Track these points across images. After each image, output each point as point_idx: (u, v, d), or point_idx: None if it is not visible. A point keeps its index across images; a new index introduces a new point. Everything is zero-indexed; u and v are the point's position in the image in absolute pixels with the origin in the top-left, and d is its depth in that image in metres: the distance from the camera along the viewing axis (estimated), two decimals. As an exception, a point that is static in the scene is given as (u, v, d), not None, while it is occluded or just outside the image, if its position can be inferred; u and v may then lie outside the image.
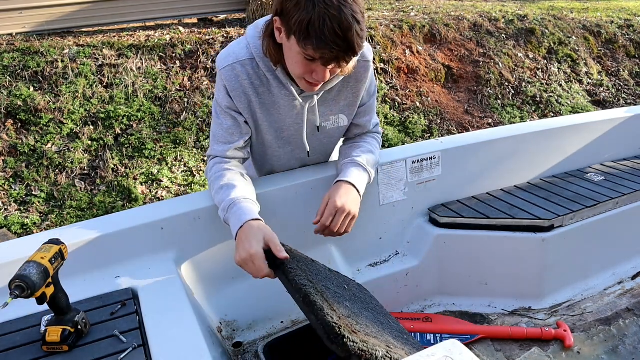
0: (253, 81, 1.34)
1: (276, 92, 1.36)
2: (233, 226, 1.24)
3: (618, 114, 2.24)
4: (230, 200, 1.28)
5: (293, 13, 1.10)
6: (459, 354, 0.84)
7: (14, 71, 4.03)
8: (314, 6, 1.07)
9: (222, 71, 1.32)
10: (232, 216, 1.26)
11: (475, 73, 5.41)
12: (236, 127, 1.39)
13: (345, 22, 1.07)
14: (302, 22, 1.08)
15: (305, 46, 1.12)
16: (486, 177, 1.97)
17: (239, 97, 1.34)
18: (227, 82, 1.32)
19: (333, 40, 1.08)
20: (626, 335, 1.73)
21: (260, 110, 1.39)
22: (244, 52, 1.32)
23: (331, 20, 1.07)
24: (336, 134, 1.55)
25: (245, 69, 1.32)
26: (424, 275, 1.82)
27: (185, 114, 4.17)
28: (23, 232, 3.26)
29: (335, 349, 0.98)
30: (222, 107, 1.37)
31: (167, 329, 1.07)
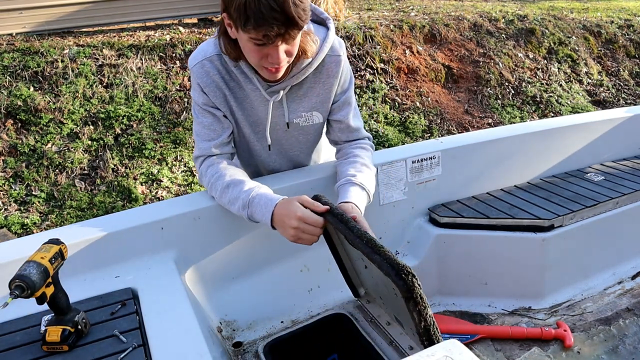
0: (223, 76, 1.35)
1: (246, 87, 1.38)
2: (263, 217, 1.26)
3: (618, 114, 2.24)
4: (247, 195, 1.29)
5: (231, 4, 1.11)
6: (459, 354, 0.84)
7: (14, 71, 4.03)
8: None
9: (192, 69, 1.35)
10: (257, 209, 1.27)
11: (475, 73, 5.41)
12: (217, 123, 1.40)
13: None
14: (240, 7, 1.09)
15: (248, 29, 1.12)
16: (486, 177, 1.97)
17: (213, 92, 1.36)
18: (199, 79, 1.34)
19: (271, 15, 1.08)
20: (626, 335, 1.74)
21: (235, 104, 1.40)
22: (212, 49, 1.34)
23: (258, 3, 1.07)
24: (311, 130, 1.52)
25: (214, 65, 1.33)
26: (424, 275, 1.82)
27: (185, 114, 4.17)
28: (23, 232, 3.26)
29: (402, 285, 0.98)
30: (199, 105, 1.38)
31: (167, 329, 1.07)
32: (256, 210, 1.28)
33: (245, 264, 1.54)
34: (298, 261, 1.62)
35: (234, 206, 1.33)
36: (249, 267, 1.55)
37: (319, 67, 1.38)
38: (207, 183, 1.41)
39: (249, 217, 1.30)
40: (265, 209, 1.26)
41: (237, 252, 1.51)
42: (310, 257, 1.64)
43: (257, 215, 1.28)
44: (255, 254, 1.55)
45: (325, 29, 1.39)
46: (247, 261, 1.54)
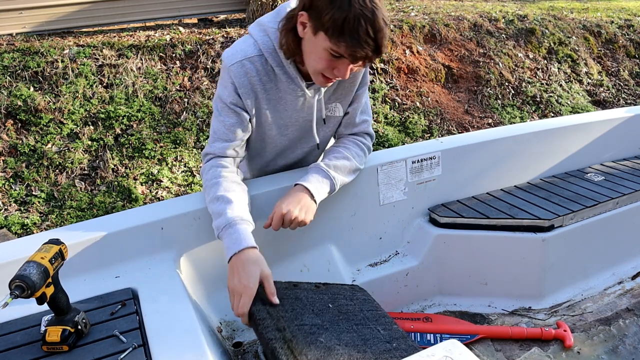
0: (261, 77, 1.35)
1: (283, 88, 1.38)
2: (228, 249, 1.24)
3: (618, 114, 2.24)
4: (226, 220, 1.27)
5: (326, 10, 1.13)
6: (459, 354, 0.84)
7: (14, 71, 4.03)
8: (350, 5, 1.10)
9: (230, 68, 1.33)
10: (227, 237, 1.26)
11: (475, 73, 5.41)
12: (239, 125, 1.39)
13: (378, 24, 1.12)
14: (337, 20, 1.11)
15: (338, 43, 1.14)
16: (486, 177, 1.97)
17: (247, 93, 1.36)
18: (236, 78, 1.33)
19: (365, 40, 1.12)
20: (626, 335, 1.74)
21: (266, 106, 1.41)
22: (251, 49, 1.33)
23: (365, 21, 1.10)
24: (333, 123, 1.56)
25: (254, 66, 1.33)
26: (424, 275, 1.82)
27: (185, 114, 4.17)
28: (23, 232, 3.26)
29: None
30: (226, 103, 1.37)
31: (167, 329, 1.07)
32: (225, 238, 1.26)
33: (245, 264, 1.53)
34: (298, 261, 1.62)
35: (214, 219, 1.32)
36: (249, 267, 1.54)
37: None
38: (204, 182, 1.41)
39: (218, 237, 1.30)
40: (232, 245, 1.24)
41: (237, 252, 1.51)
42: (310, 257, 1.64)
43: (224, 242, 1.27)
44: (255, 254, 1.54)
45: None
46: (247, 261, 1.53)
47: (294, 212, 1.36)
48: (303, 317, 1.22)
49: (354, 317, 1.31)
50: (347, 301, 1.40)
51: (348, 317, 1.30)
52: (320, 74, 1.26)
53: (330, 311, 1.31)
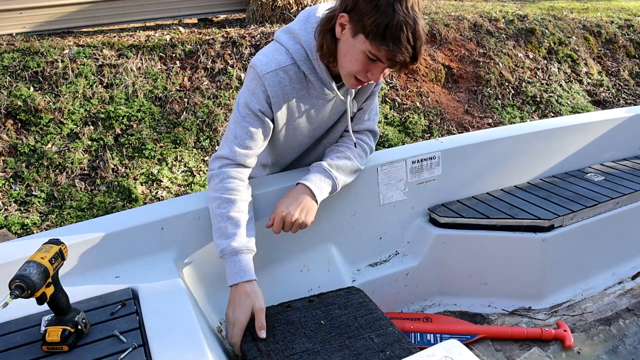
0: (294, 85, 1.36)
1: (314, 94, 1.40)
2: (229, 276, 1.31)
3: (618, 114, 2.24)
4: (232, 248, 1.32)
5: (370, 14, 1.15)
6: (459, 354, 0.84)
7: (14, 71, 4.03)
8: (394, 12, 1.13)
9: (265, 76, 1.32)
10: (231, 264, 1.31)
11: (475, 73, 5.41)
12: (261, 134, 1.39)
13: (418, 32, 1.16)
14: (380, 24, 1.14)
15: (379, 47, 1.17)
16: (486, 177, 1.97)
17: (279, 103, 1.36)
18: (270, 87, 1.33)
19: (405, 46, 1.16)
20: (626, 335, 1.74)
21: (298, 113, 1.42)
22: (284, 58, 1.33)
23: (407, 28, 1.14)
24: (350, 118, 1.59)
25: (287, 75, 1.34)
26: (424, 275, 1.82)
27: (185, 114, 4.17)
28: (23, 232, 3.26)
29: None
30: (253, 110, 1.36)
31: (167, 329, 1.07)
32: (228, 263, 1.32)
33: (245, 264, 1.53)
34: (298, 261, 1.62)
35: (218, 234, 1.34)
36: (249, 267, 1.54)
37: None
38: (214, 188, 1.38)
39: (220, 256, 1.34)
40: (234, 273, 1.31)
41: (237, 252, 1.51)
42: (310, 257, 1.64)
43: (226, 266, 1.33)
44: (255, 254, 1.55)
45: None
46: (247, 261, 1.54)
47: (295, 214, 1.36)
48: (294, 345, 1.27)
49: (347, 330, 1.34)
50: (341, 311, 1.43)
51: (341, 332, 1.33)
52: (354, 76, 1.28)
53: (322, 329, 1.34)
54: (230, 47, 4.69)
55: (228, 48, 4.67)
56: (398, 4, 1.13)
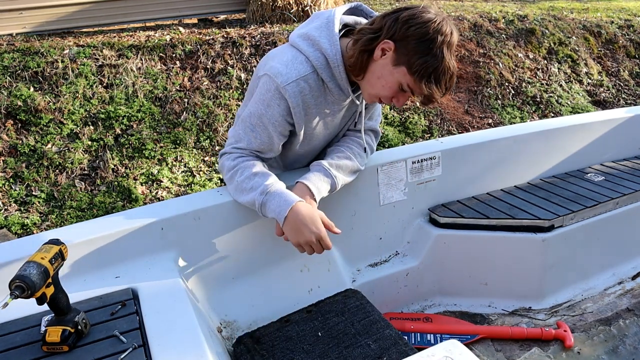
0: (314, 93, 1.37)
1: (331, 100, 1.41)
2: (278, 211, 1.30)
3: (618, 114, 2.24)
4: (265, 187, 1.33)
5: (419, 52, 1.21)
6: (459, 354, 0.84)
7: (14, 71, 4.03)
8: (443, 57, 1.21)
9: (286, 87, 1.31)
10: (273, 200, 1.31)
11: (475, 73, 5.41)
12: (269, 145, 1.41)
13: (454, 76, 1.26)
14: (429, 67, 1.21)
15: (421, 86, 1.24)
16: (486, 177, 1.97)
17: (300, 113, 1.37)
18: (291, 98, 1.32)
19: (442, 88, 1.25)
20: (626, 335, 1.73)
21: (316, 120, 1.43)
22: (304, 67, 1.33)
23: (447, 72, 1.23)
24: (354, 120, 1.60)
25: (307, 84, 1.34)
26: (424, 275, 1.82)
27: (185, 114, 4.17)
28: (23, 232, 3.26)
29: None
30: (264, 122, 1.36)
31: (167, 329, 1.07)
32: (270, 200, 1.32)
33: (245, 264, 1.54)
34: (298, 261, 1.62)
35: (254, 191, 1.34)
36: (249, 267, 1.55)
37: None
38: (232, 166, 1.40)
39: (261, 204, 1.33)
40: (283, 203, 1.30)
41: (237, 252, 1.51)
42: (310, 257, 1.64)
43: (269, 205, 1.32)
44: (255, 254, 1.55)
45: None
46: (247, 261, 1.54)
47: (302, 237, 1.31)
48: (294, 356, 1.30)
49: (344, 338, 1.36)
50: (338, 318, 1.44)
51: (338, 342, 1.35)
52: (378, 97, 1.32)
53: (321, 341, 1.36)
54: (231, 47, 4.69)
55: (228, 48, 4.67)
56: (446, 48, 1.21)
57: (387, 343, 1.31)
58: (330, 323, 1.42)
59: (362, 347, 1.31)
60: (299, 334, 1.39)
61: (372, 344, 1.31)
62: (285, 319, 1.48)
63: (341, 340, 1.35)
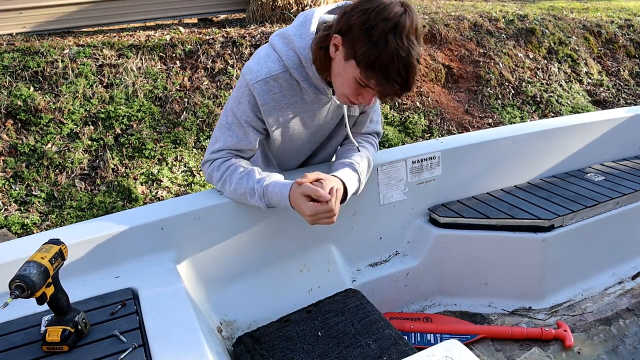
0: (285, 93, 1.35)
1: (309, 99, 1.38)
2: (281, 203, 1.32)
3: (618, 114, 2.24)
4: (261, 185, 1.33)
5: (362, 42, 1.11)
6: (459, 354, 0.84)
7: (14, 71, 4.03)
8: (386, 43, 1.09)
9: (254, 85, 1.31)
10: (274, 196, 1.32)
11: (475, 73, 5.41)
12: (246, 143, 1.40)
13: (410, 64, 1.11)
14: (371, 56, 1.10)
15: (368, 78, 1.14)
16: (486, 177, 1.97)
17: (270, 111, 1.35)
18: (259, 96, 1.32)
19: (395, 79, 1.12)
20: (626, 335, 1.74)
21: (293, 119, 1.41)
22: (276, 66, 1.31)
23: (399, 61, 1.09)
24: (350, 122, 1.56)
25: (278, 83, 1.32)
26: (424, 275, 1.82)
27: (185, 114, 4.17)
28: (23, 232, 3.26)
29: None
30: (239, 119, 1.37)
31: (167, 329, 1.07)
32: (273, 198, 1.33)
33: (245, 264, 1.54)
34: (298, 261, 1.62)
35: (251, 197, 1.36)
36: (249, 267, 1.55)
37: None
38: (220, 176, 1.41)
39: (267, 205, 1.36)
40: (282, 196, 1.31)
41: (237, 252, 1.51)
42: (310, 257, 1.64)
43: (274, 202, 1.34)
44: (256, 254, 1.55)
45: None
46: (247, 261, 1.54)
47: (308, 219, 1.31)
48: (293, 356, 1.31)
49: (344, 338, 1.36)
50: (338, 318, 1.44)
51: (338, 342, 1.35)
52: (345, 96, 1.27)
53: (321, 340, 1.36)
54: (231, 47, 4.69)
55: (228, 48, 4.67)
56: (392, 34, 1.08)
57: (387, 343, 1.32)
58: (330, 323, 1.42)
59: (362, 347, 1.31)
60: (299, 334, 1.39)
61: (372, 344, 1.32)
62: (285, 318, 1.48)
63: (341, 340, 1.35)
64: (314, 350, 1.32)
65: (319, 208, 1.25)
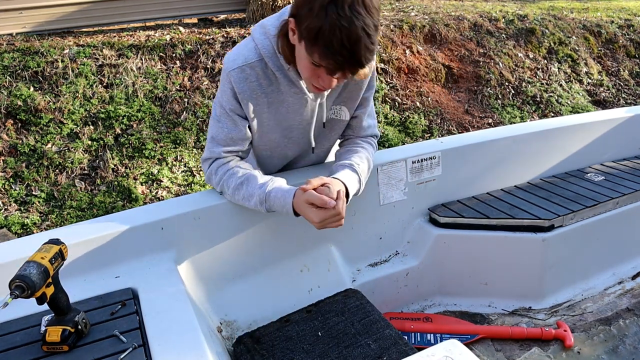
0: (261, 82, 1.34)
1: (285, 91, 1.36)
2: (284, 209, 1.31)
3: (618, 114, 2.24)
4: (262, 192, 1.33)
5: (305, 18, 1.09)
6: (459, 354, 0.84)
7: (14, 71, 4.03)
8: (326, 15, 1.04)
9: (230, 73, 1.31)
10: (275, 202, 1.32)
11: (475, 73, 5.41)
12: (237, 132, 1.39)
13: (354, 34, 1.05)
14: (312, 30, 1.07)
15: (312, 53, 1.11)
16: (486, 177, 1.97)
17: (247, 99, 1.34)
18: (236, 84, 1.32)
19: (339, 51, 1.07)
20: (626, 335, 1.74)
21: (268, 110, 1.39)
22: (252, 54, 1.31)
23: (340, 31, 1.04)
24: (338, 126, 1.54)
25: (254, 71, 1.32)
26: (424, 275, 1.82)
27: (185, 114, 4.17)
28: (23, 232, 3.26)
29: None
30: (225, 109, 1.37)
31: (167, 329, 1.07)
32: (275, 204, 1.32)
33: (245, 264, 1.54)
34: (298, 261, 1.62)
35: (250, 202, 1.36)
36: (249, 267, 1.55)
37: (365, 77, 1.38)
38: (218, 181, 1.41)
39: (268, 210, 1.35)
40: (285, 203, 1.30)
41: (237, 252, 1.51)
42: (310, 257, 1.64)
43: (276, 208, 1.33)
44: (256, 254, 1.55)
45: None
46: (247, 261, 1.54)
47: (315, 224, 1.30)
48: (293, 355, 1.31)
49: (344, 338, 1.36)
50: (338, 318, 1.44)
51: (338, 341, 1.35)
52: (310, 83, 1.24)
53: (321, 340, 1.36)
54: (230, 47, 4.69)
55: (228, 48, 4.66)
56: (333, 5, 1.04)
57: (387, 343, 1.32)
58: (330, 323, 1.42)
59: (362, 347, 1.31)
60: (299, 334, 1.39)
61: (372, 344, 1.32)
62: (285, 318, 1.48)
63: (341, 340, 1.35)
64: (314, 350, 1.32)
65: (327, 214, 1.25)
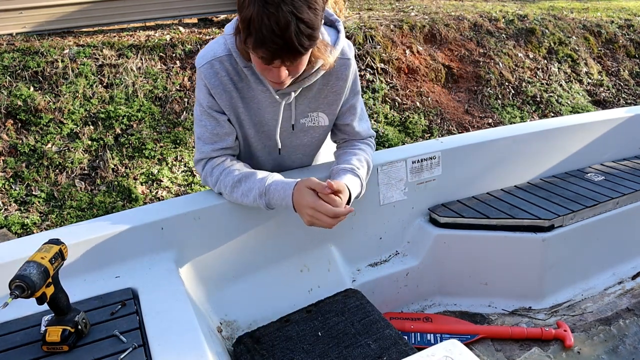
0: (232, 77, 1.33)
1: (255, 87, 1.35)
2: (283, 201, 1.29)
3: (618, 114, 2.24)
4: (262, 184, 1.31)
5: (240, 11, 1.07)
6: (459, 354, 0.84)
7: (14, 71, 4.03)
8: (254, 4, 1.02)
9: (201, 69, 1.31)
10: (275, 195, 1.30)
11: (475, 73, 5.41)
12: (219, 127, 1.38)
13: (283, 19, 1.02)
14: (244, 21, 1.05)
15: (248, 45, 1.09)
16: (486, 177, 1.97)
17: (220, 93, 1.33)
18: (207, 79, 1.31)
19: (271, 38, 1.04)
20: (626, 335, 1.74)
21: (241, 105, 1.38)
22: (221, 49, 1.30)
23: (269, 18, 1.02)
24: (316, 132, 1.50)
25: (223, 66, 1.31)
26: (424, 275, 1.82)
27: (185, 114, 4.17)
28: (23, 232, 3.26)
29: None
30: (204, 107, 1.36)
31: (167, 329, 1.07)
32: (274, 198, 1.30)
33: (245, 264, 1.54)
34: (298, 261, 1.62)
35: (248, 197, 1.34)
36: (249, 267, 1.55)
37: (329, 70, 1.36)
38: (215, 181, 1.40)
39: (267, 204, 1.33)
40: (284, 196, 1.29)
41: (237, 252, 1.51)
42: (310, 257, 1.64)
43: (275, 201, 1.31)
44: (255, 254, 1.55)
45: (335, 31, 1.37)
46: (247, 261, 1.54)
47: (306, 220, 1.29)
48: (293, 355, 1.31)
49: (344, 338, 1.36)
50: (338, 318, 1.44)
51: (338, 341, 1.35)
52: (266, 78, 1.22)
53: (321, 340, 1.36)
54: (230, 47, 4.69)
55: (228, 48, 4.66)
56: None
57: (387, 343, 1.32)
58: (330, 323, 1.42)
59: (362, 347, 1.31)
60: (299, 334, 1.39)
61: (372, 344, 1.32)
62: (285, 318, 1.48)
63: (341, 340, 1.35)
64: (314, 350, 1.32)
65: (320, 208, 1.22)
